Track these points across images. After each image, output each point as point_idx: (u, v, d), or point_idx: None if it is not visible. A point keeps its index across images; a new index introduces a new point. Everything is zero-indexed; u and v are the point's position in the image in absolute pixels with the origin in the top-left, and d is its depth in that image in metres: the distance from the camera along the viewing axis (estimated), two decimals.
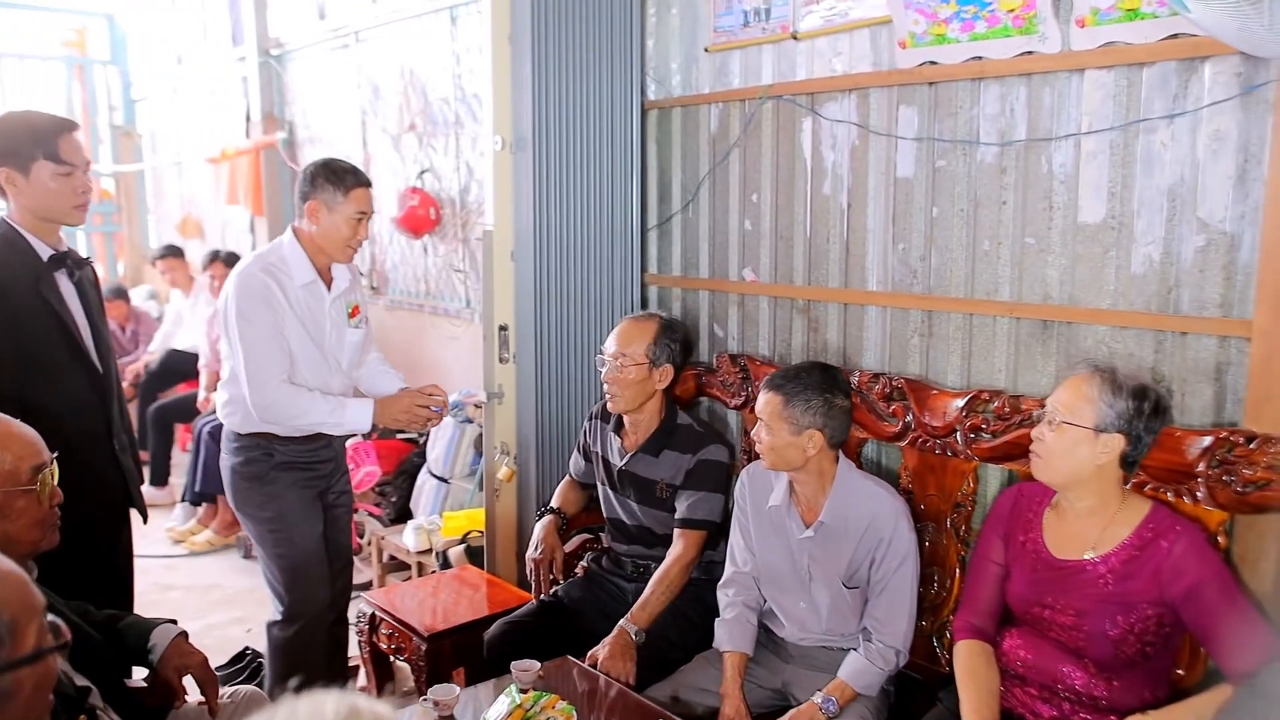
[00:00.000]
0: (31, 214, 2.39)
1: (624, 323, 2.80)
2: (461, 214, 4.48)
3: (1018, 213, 2.44)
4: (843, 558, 2.31)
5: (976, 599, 2.12)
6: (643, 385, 2.71)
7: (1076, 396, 1.92)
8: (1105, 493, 1.94)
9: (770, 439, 2.29)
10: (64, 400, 2.36)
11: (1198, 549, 1.85)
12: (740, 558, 2.49)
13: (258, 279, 2.62)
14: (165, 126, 7.62)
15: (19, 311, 2.30)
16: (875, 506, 2.29)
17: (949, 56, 2.50)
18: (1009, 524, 2.10)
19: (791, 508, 2.38)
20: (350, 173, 2.71)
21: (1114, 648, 1.88)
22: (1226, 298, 2.12)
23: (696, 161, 3.24)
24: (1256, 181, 2.06)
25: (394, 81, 4.77)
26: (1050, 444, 1.94)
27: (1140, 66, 2.19)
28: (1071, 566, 1.96)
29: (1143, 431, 1.89)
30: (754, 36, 2.98)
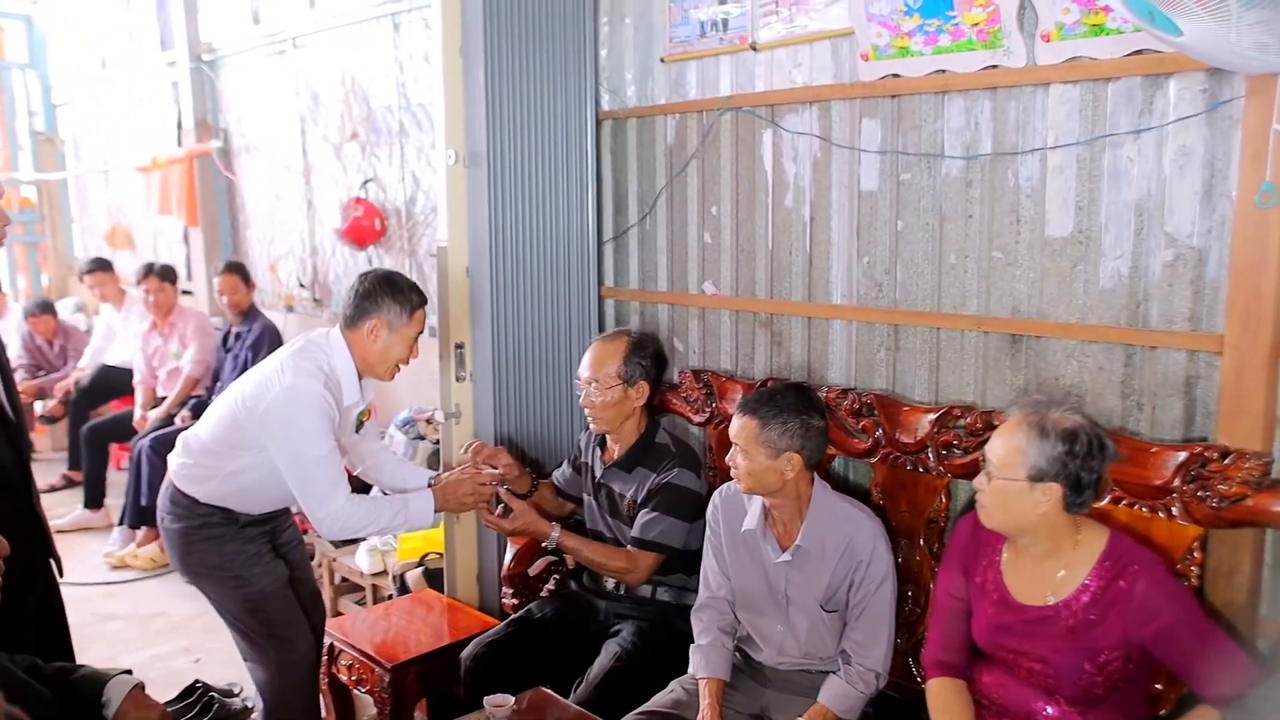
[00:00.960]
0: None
1: (595, 345, 2.74)
2: (408, 225, 4.37)
3: (984, 226, 2.43)
4: (821, 581, 2.27)
5: (943, 636, 2.07)
6: (620, 406, 2.66)
7: (1007, 447, 1.86)
8: (1056, 535, 1.89)
9: (748, 464, 2.24)
10: None
11: (1161, 586, 1.81)
12: (714, 582, 2.45)
13: (320, 396, 2.42)
14: (90, 133, 7.34)
15: None
16: (853, 529, 2.26)
17: (912, 69, 2.48)
18: (966, 556, 2.06)
19: (767, 531, 2.34)
20: (415, 291, 2.58)
21: (1083, 689, 1.86)
22: (1195, 312, 2.13)
23: (653, 173, 3.19)
24: (1223, 197, 2.07)
25: (335, 89, 4.64)
26: (989, 496, 1.89)
27: (1106, 81, 2.19)
28: (1033, 613, 1.91)
29: (1080, 472, 1.81)
30: (711, 47, 2.93)
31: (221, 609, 2.65)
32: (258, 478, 2.53)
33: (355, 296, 2.54)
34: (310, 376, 2.43)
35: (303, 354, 2.50)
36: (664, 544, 2.60)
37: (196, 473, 2.56)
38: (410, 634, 2.98)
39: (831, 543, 2.26)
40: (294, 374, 2.43)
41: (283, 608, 2.62)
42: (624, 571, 2.62)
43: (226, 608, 2.63)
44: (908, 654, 2.44)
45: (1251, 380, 2.00)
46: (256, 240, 5.57)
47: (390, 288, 2.53)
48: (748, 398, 2.32)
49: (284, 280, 5.30)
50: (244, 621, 2.61)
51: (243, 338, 4.78)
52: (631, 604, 2.70)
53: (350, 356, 2.54)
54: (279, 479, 2.48)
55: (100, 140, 7.16)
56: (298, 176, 5.04)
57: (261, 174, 5.40)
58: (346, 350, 2.54)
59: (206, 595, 2.65)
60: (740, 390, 2.83)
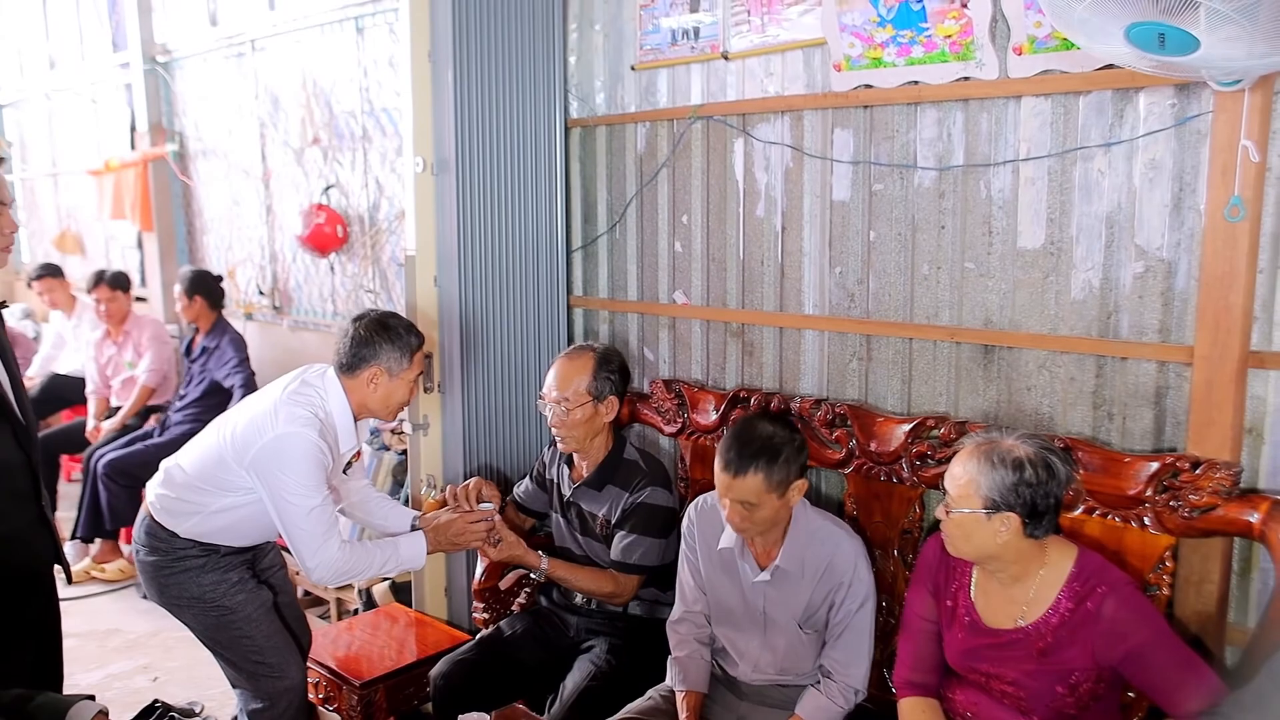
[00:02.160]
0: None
1: (559, 362, 2.67)
2: (371, 232, 4.31)
3: (957, 237, 2.44)
4: (799, 601, 2.25)
5: (914, 655, 2.07)
6: (590, 423, 2.62)
7: (962, 480, 1.86)
8: (1023, 559, 1.89)
9: (762, 514, 2.17)
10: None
11: (1129, 607, 1.82)
12: (690, 596, 2.42)
13: (315, 446, 2.32)
14: (38, 135, 7.15)
15: None
16: (833, 548, 2.23)
17: (885, 80, 2.49)
18: (936, 578, 2.06)
19: (745, 550, 2.30)
20: (413, 333, 2.49)
21: (1056, 710, 1.87)
22: (1165, 323, 2.16)
23: (623, 181, 3.17)
24: (1191, 210, 2.09)
25: (295, 93, 4.55)
26: (949, 528, 1.90)
27: (1077, 95, 2.21)
28: (1004, 636, 1.92)
29: (1035, 499, 1.81)
30: (682, 55, 2.92)
31: (205, 639, 2.54)
32: (246, 515, 2.44)
33: (351, 344, 2.43)
34: (305, 425, 2.32)
35: (297, 398, 2.38)
36: (645, 565, 2.58)
37: (179, 507, 2.45)
38: (378, 650, 2.92)
39: (811, 563, 2.24)
40: (288, 421, 2.32)
41: (269, 634, 2.53)
42: (611, 596, 2.59)
43: (211, 638, 2.52)
44: (882, 665, 2.43)
45: (1221, 391, 2.03)
46: (214, 246, 5.46)
47: (387, 333, 2.44)
48: (731, 455, 2.16)
49: (242, 287, 5.19)
50: (231, 651, 2.52)
51: (210, 352, 4.64)
52: (603, 619, 2.67)
53: (347, 401, 2.45)
54: (267, 516, 2.39)
55: (49, 143, 6.98)
56: (257, 181, 4.95)
57: (219, 179, 5.30)
58: (343, 394, 2.44)
59: (189, 626, 2.54)
60: (713, 401, 2.82)
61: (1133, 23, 1.67)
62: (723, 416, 2.79)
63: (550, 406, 2.61)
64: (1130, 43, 1.70)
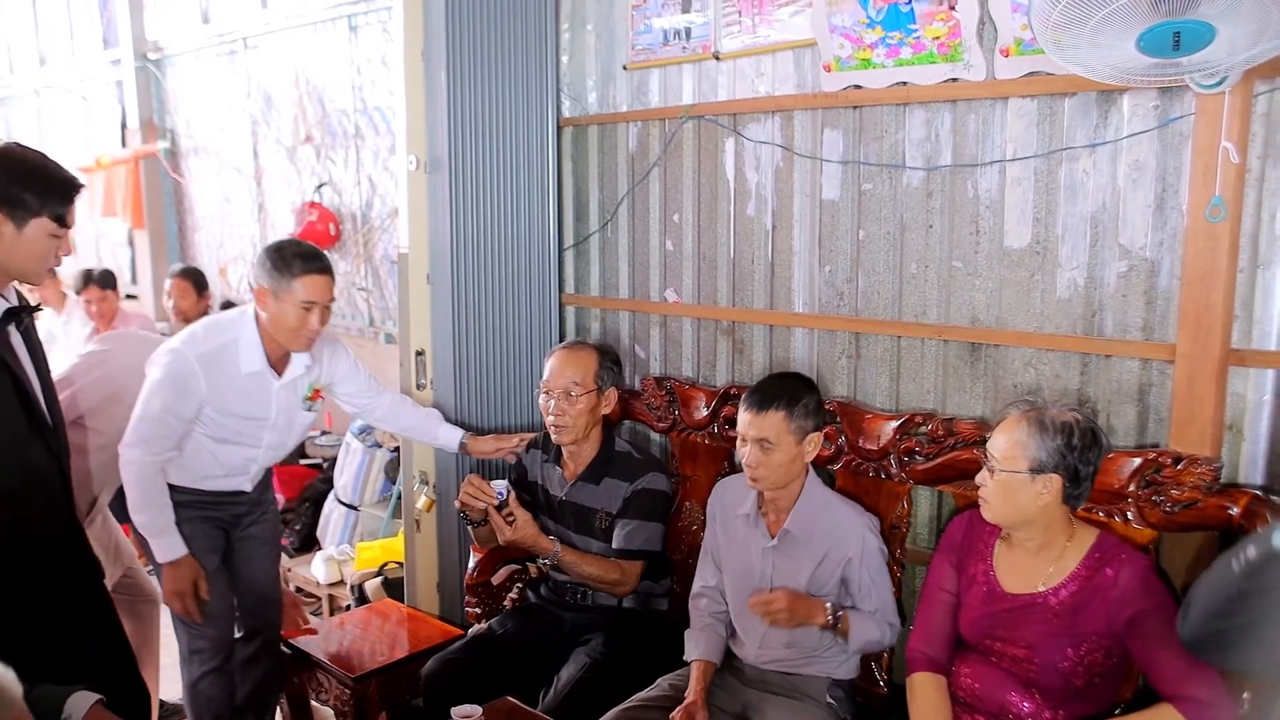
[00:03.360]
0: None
1: (562, 353, 2.70)
2: (363, 230, 4.33)
3: (944, 236, 2.47)
4: (804, 570, 2.31)
5: (929, 628, 2.12)
6: (593, 413, 2.66)
7: (1009, 442, 1.93)
8: (1053, 528, 1.97)
9: (776, 457, 2.27)
10: (23, 472, 2.08)
11: (1142, 579, 1.89)
12: (709, 571, 2.51)
13: (188, 367, 2.50)
14: (27, 131, 7.13)
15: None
16: (841, 521, 2.31)
17: (874, 81, 2.52)
18: (960, 552, 2.12)
19: (759, 519, 2.39)
20: (300, 258, 2.54)
21: (1064, 679, 1.92)
22: (1148, 321, 2.20)
23: (615, 180, 3.19)
24: (1174, 210, 2.13)
25: (288, 91, 4.57)
26: (993, 490, 1.96)
27: (1062, 96, 2.25)
28: (1023, 600, 1.98)
29: (1079, 464, 1.90)
30: (674, 55, 2.95)
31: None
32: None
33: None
34: (186, 343, 2.55)
35: (205, 323, 2.64)
36: (649, 550, 2.62)
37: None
38: (370, 645, 2.94)
39: (819, 532, 2.31)
40: (179, 340, 2.58)
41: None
42: (617, 584, 2.61)
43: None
44: (870, 659, 2.46)
45: (1202, 388, 2.07)
46: (205, 244, 5.47)
47: (273, 254, 2.56)
48: (755, 396, 2.31)
49: (234, 285, 5.21)
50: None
51: None
52: (597, 614, 2.68)
53: (256, 328, 2.59)
54: (205, 451, 2.62)
55: (39, 139, 6.97)
56: (249, 179, 4.96)
57: (211, 176, 5.31)
58: (254, 322, 2.60)
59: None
60: (704, 398, 2.85)
61: (1146, 29, 1.72)
62: (713, 413, 2.82)
63: (554, 396, 2.64)
64: (1143, 51, 1.74)
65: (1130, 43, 1.75)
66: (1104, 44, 1.77)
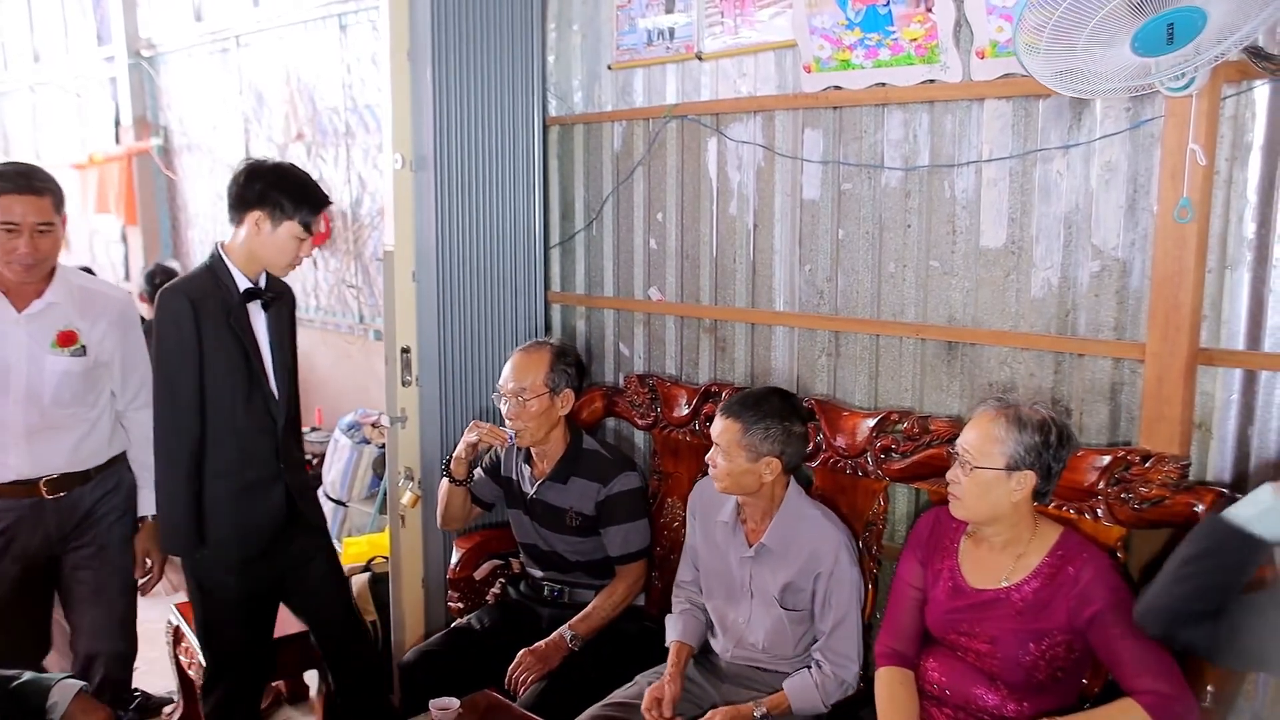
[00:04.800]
0: (248, 255, 2.50)
1: (516, 356, 2.75)
2: (354, 227, 4.35)
3: (922, 236, 2.50)
4: (779, 580, 2.34)
5: (897, 624, 2.15)
6: (547, 415, 2.68)
7: (984, 438, 1.95)
8: (1020, 524, 2.00)
9: (727, 465, 2.29)
10: (239, 424, 2.48)
11: (1103, 577, 1.91)
12: (693, 562, 2.57)
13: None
14: (21, 128, 7.16)
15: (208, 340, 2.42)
16: (818, 536, 2.32)
17: (853, 82, 2.54)
18: (927, 549, 2.15)
19: (738, 526, 2.42)
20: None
21: (1026, 673, 1.95)
22: (1120, 321, 2.22)
23: (600, 179, 3.22)
24: (1145, 211, 2.16)
25: (279, 89, 4.59)
26: (966, 487, 1.97)
27: (1036, 99, 2.27)
28: (987, 596, 2.01)
29: (1052, 462, 1.94)
30: (658, 56, 2.97)
31: None
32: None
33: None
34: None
35: None
36: (645, 548, 2.70)
37: None
38: None
39: (795, 546, 2.33)
40: None
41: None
42: (629, 593, 2.70)
43: None
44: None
45: (1170, 387, 2.09)
46: (198, 240, 5.49)
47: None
48: (731, 400, 2.36)
49: None
50: None
51: None
52: (575, 611, 2.71)
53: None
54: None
55: (32, 135, 6.99)
56: None
57: (204, 173, 5.33)
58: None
59: None
60: (685, 395, 2.88)
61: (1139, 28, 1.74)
62: (694, 410, 2.84)
63: (506, 399, 2.67)
64: (1138, 52, 1.76)
65: (1125, 46, 1.77)
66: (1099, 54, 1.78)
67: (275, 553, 2.57)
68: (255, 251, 2.49)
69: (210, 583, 2.51)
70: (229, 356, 2.44)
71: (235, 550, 2.50)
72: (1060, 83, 1.92)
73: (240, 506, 2.48)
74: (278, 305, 2.57)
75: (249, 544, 2.51)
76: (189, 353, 2.39)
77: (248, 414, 2.48)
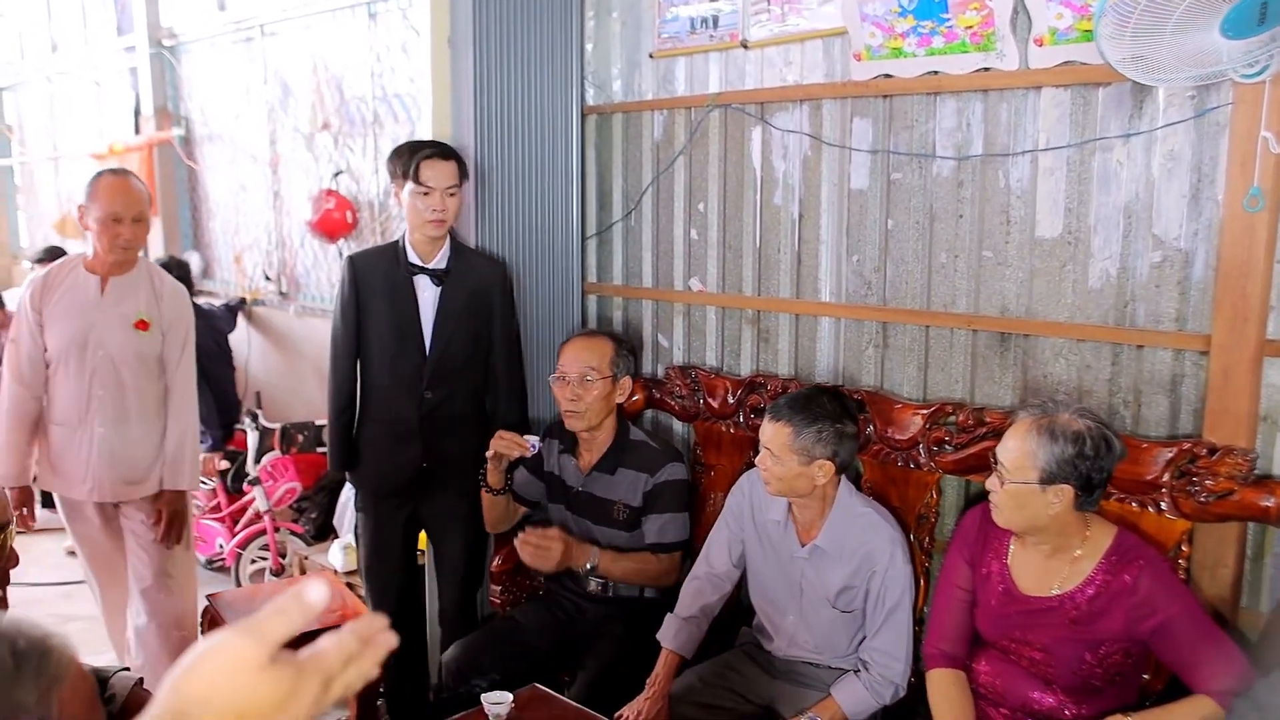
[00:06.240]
0: (409, 228, 2.80)
1: (577, 340, 2.73)
2: (381, 218, 4.32)
3: (974, 226, 2.47)
4: (834, 582, 2.30)
5: (946, 625, 2.11)
6: (607, 400, 2.66)
7: (1019, 451, 1.90)
8: (1066, 532, 1.94)
9: (779, 469, 2.24)
10: (386, 376, 2.83)
11: (1164, 582, 1.87)
12: (716, 558, 2.48)
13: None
14: (38, 119, 7.12)
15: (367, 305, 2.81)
16: (872, 536, 2.27)
17: (905, 70, 2.51)
18: (974, 548, 2.10)
19: (789, 525, 2.37)
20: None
21: (1083, 680, 1.91)
22: (1181, 312, 2.19)
23: (639, 169, 3.19)
24: (1210, 201, 2.13)
25: (306, 78, 4.56)
26: (1002, 498, 1.93)
27: (1096, 86, 2.24)
28: (1039, 604, 1.97)
29: (1091, 472, 1.86)
30: (701, 44, 2.94)
31: None
32: None
33: None
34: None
35: None
36: (681, 540, 2.64)
37: None
38: None
39: (849, 546, 2.28)
40: None
41: None
42: (660, 575, 2.64)
43: None
44: None
45: (1238, 379, 2.06)
46: (220, 231, 5.46)
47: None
48: (779, 403, 2.30)
49: (249, 273, 5.20)
50: None
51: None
52: (621, 606, 2.69)
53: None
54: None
55: (50, 126, 6.96)
56: (264, 167, 4.95)
57: (226, 164, 5.30)
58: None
59: None
60: (728, 387, 2.85)
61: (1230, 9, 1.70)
62: (739, 402, 2.82)
63: (570, 382, 2.64)
64: (1226, 35, 1.72)
65: (1213, 29, 1.74)
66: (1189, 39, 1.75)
67: (414, 502, 2.90)
68: (409, 223, 2.78)
69: (359, 515, 2.99)
70: (384, 322, 2.78)
71: (372, 483, 2.91)
72: (1137, 70, 1.88)
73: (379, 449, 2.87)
74: (455, 283, 2.79)
75: (384, 482, 2.87)
76: (347, 312, 2.83)
77: (394, 374, 2.79)
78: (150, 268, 3.07)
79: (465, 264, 2.84)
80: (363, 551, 3.00)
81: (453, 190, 2.73)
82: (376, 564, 2.97)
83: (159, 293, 3.00)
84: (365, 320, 2.81)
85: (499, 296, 2.88)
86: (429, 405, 2.81)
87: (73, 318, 2.91)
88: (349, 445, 2.91)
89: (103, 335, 2.91)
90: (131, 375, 2.95)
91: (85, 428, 2.96)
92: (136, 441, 2.99)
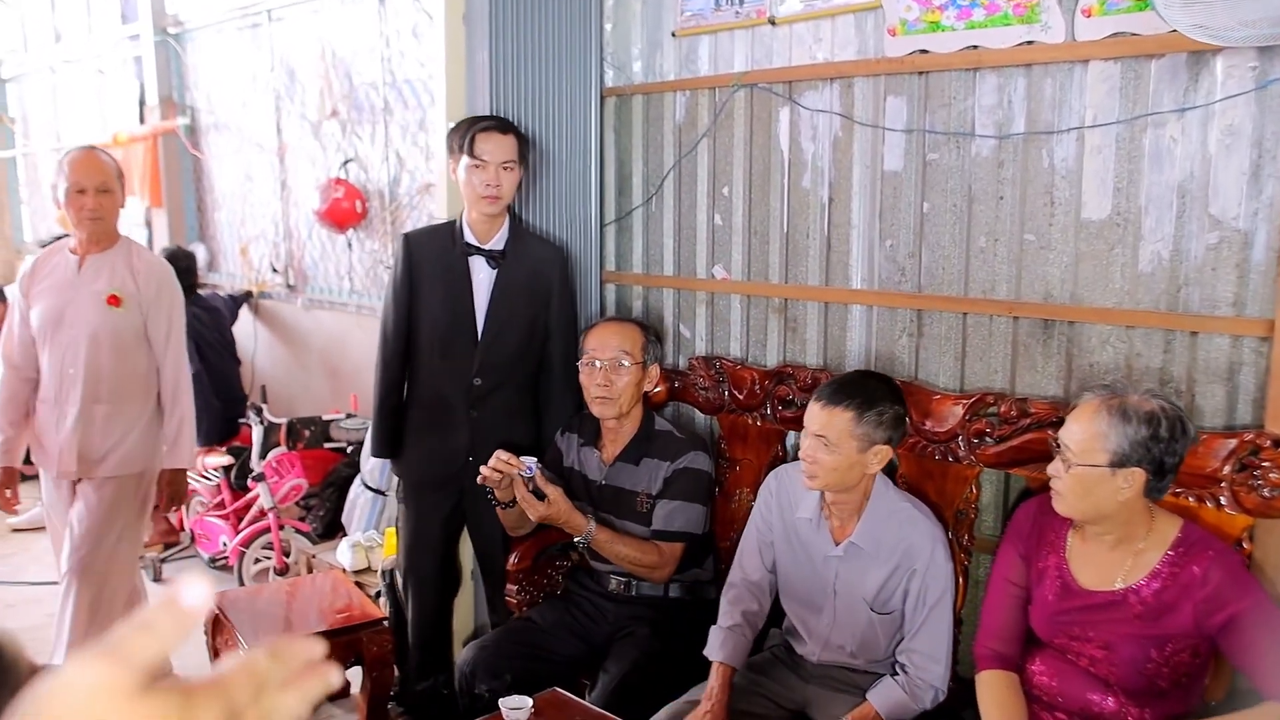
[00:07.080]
0: (466, 206, 2.71)
1: (607, 325, 2.63)
2: (390, 207, 4.22)
3: (1016, 208, 2.36)
4: (871, 581, 2.18)
5: (998, 623, 2.00)
6: (638, 386, 2.57)
7: (1086, 433, 1.79)
8: (1133, 521, 1.83)
9: (832, 458, 2.10)
10: (436, 360, 2.74)
11: (1234, 576, 1.76)
12: (749, 564, 2.36)
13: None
14: (42, 109, 7.03)
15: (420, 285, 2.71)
16: (911, 531, 2.15)
17: (943, 45, 2.40)
18: (1029, 543, 1.99)
19: (822, 522, 2.24)
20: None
21: (1148, 681, 1.80)
22: (1239, 296, 2.08)
23: (660, 152, 3.08)
24: (1271, 178, 2.01)
25: (313, 64, 4.45)
26: (1067, 484, 1.82)
27: (1149, 59, 2.13)
28: (1101, 598, 1.86)
29: (1164, 456, 1.77)
30: (726, 21, 2.83)
31: None
32: None
33: None
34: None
35: None
36: (689, 532, 2.51)
37: None
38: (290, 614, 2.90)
39: (887, 543, 2.16)
40: None
41: None
42: (654, 567, 2.50)
43: None
44: None
45: None
46: (225, 222, 5.36)
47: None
48: (830, 387, 2.17)
49: (255, 265, 5.10)
50: None
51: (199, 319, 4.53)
52: (644, 605, 2.58)
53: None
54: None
55: (54, 117, 6.86)
56: (271, 156, 4.85)
57: (232, 153, 5.20)
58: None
59: None
60: (755, 378, 2.74)
61: None
62: (766, 394, 2.71)
63: (606, 365, 2.53)
64: None
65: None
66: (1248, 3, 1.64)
67: (458, 495, 2.79)
68: (465, 200, 2.69)
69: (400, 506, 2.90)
70: (436, 303, 2.69)
71: (415, 473, 2.83)
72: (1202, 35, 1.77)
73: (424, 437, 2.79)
74: (512, 266, 2.69)
75: (427, 473, 2.80)
76: (398, 292, 2.73)
77: (444, 358, 2.71)
78: (132, 245, 3.06)
79: (523, 246, 2.74)
80: (401, 546, 2.93)
81: (509, 165, 2.64)
82: (414, 560, 2.89)
83: (134, 269, 2.97)
84: (417, 301, 2.72)
85: (558, 283, 2.78)
86: (478, 393, 2.71)
87: (51, 296, 2.94)
88: (394, 431, 2.82)
89: (76, 313, 2.92)
90: (107, 353, 2.93)
91: (59, 405, 2.96)
92: (106, 420, 2.97)
